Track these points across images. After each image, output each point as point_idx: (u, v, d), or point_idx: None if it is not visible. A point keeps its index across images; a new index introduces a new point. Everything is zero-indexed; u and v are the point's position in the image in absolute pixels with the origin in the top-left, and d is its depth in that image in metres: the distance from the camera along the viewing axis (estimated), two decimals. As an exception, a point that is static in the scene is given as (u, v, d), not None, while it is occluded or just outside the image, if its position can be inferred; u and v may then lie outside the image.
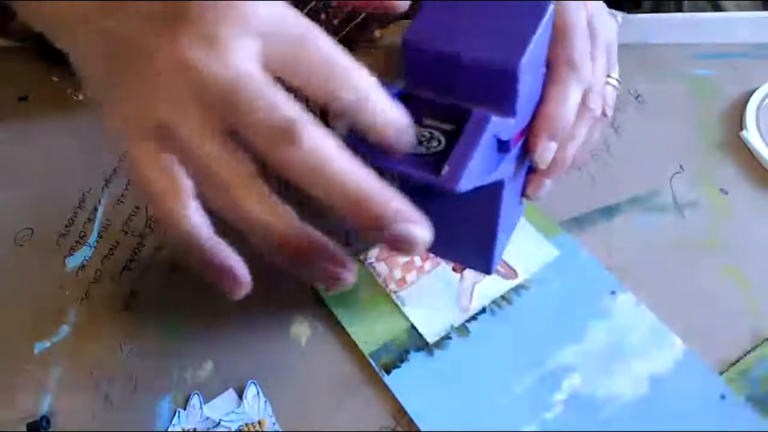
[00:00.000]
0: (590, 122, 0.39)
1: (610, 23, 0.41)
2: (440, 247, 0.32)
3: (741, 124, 0.51)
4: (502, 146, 0.32)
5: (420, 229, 0.27)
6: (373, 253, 0.45)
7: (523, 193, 0.40)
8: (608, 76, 0.41)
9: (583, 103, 0.38)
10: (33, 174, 0.50)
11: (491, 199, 0.35)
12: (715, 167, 0.49)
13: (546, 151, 0.36)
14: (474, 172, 0.29)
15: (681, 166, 0.49)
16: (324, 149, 0.26)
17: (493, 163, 0.32)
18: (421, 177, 0.28)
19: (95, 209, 0.48)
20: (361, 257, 0.45)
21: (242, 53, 0.26)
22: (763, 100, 0.52)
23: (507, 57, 0.29)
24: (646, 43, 0.57)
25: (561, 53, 0.36)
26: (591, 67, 0.38)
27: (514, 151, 0.34)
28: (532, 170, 0.38)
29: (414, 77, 0.32)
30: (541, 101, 0.36)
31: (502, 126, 0.31)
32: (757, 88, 0.52)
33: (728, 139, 0.51)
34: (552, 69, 0.36)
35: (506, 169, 0.34)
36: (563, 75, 0.36)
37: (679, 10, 0.75)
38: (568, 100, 0.36)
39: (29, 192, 0.49)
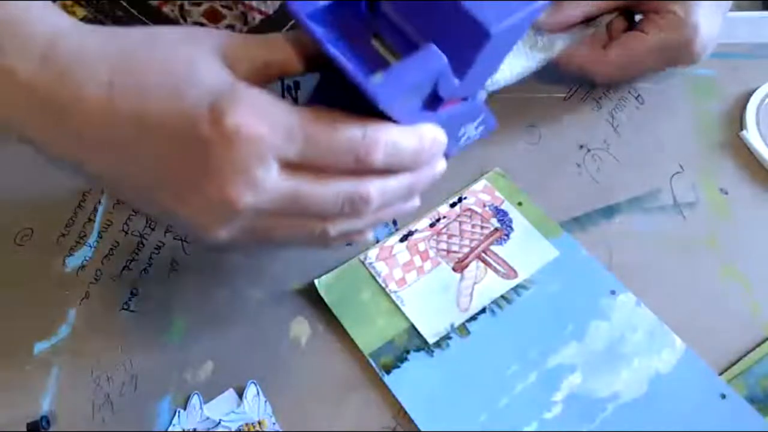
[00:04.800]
0: None
1: None
2: None
3: (741, 124, 0.51)
4: (433, 101, 0.32)
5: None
6: (373, 253, 0.45)
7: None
8: None
9: None
10: (33, 174, 0.50)
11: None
12: (715, 167, 0.49)
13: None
14: (400, 96, 0.29)
15: (681, 166, 0.49)
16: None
17: (416, 106, 0.32)
18: (353, 75, 0.28)
19: (95, 209, 0.48)
20: (361, 257, 0.45)
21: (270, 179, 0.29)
22: (763, 100, 0.51)
23: (491, 19, 0.29)
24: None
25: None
26: None
27: (438, 115, 0.33)
28: None
29: None
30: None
31: (447, 77, 0.31)
32: (757, 88, 0.52)
33: (728, 139, 0.51)
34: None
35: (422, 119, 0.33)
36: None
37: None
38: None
39: (29, 192, 0.49)
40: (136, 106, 0.28)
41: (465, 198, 0.48)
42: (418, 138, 0.31)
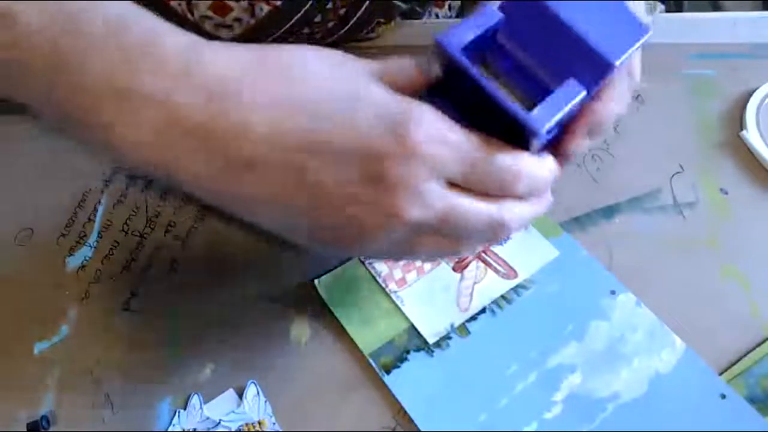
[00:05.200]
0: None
1: None
2: None
3: (741, 124, 0.51)
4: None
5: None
6: (373, 253, 0.45)
7: None
8: None
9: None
10: (33, 174, 0.50)
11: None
12: (715, 167, 0.49)
13: (580, 145, 0.37)
14: (553, 125, 0.31)
15: (681, 166, 0.49)
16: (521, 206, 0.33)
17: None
18: (512, 109, 0.30)
19: (95, 209, 0.48)
20: (361, 257, 0.45)
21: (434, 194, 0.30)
22: (763, 100, 0.51)
23: (613, 51, 0.31)
24: (646, 42, 0.57)
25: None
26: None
27: (549, 137, 0.35)
28: None
29: (511, 21, 0.32)
30: (594, 99, 0.36)
31: (578, 108, 0.32)
32: (757, 88, 0.52)
33: (728, 139, 0.51)
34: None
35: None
36: (621, 79, 0.36)
37: (679, 10, 0.75)
38: (620, 102, 0.36)
39: (29, 192, 0.49)
40: (308, 132, 0.28)
41: (465, 198, 0.48)
42: (548, 169, 0.33)
